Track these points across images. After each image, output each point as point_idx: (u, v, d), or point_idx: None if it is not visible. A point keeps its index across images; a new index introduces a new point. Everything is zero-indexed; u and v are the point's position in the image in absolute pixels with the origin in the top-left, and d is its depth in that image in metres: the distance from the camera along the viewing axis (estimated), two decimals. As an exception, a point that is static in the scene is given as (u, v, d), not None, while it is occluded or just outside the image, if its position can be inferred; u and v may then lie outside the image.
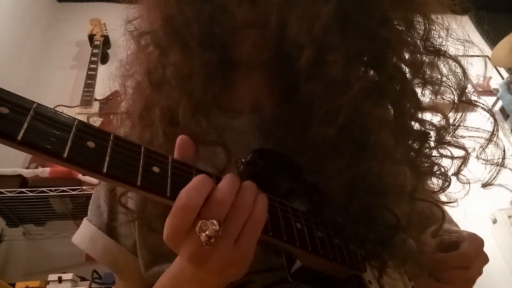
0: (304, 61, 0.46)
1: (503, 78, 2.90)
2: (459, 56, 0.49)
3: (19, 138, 0.29)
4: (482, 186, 0.51)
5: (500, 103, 2.75)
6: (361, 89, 0.45)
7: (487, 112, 0.50)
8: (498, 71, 3.01)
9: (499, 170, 0.50)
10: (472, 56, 0.51)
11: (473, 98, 0.50)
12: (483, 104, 0.50)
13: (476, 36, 3.03)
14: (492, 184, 0.50)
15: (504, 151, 0.50)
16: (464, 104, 0.49)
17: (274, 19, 0.45)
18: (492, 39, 2.96)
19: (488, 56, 2.85)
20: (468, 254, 0.54)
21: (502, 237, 2.22)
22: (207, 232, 0.34)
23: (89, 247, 0.58)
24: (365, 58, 0.47)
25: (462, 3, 0.50)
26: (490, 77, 2.96)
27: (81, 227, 0.60)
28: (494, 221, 2.27)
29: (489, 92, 2.88)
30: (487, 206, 2.27)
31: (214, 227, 0.34)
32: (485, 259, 0.56)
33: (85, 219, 0.61)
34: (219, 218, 0.35)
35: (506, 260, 2.17)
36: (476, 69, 2.90)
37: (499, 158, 0.50)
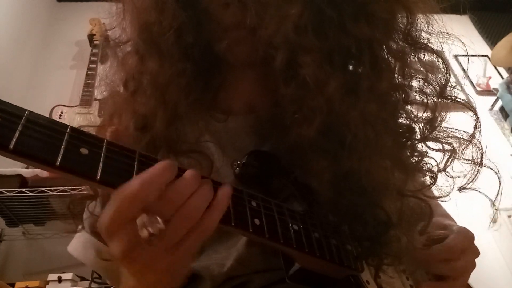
0: (279, 63, 0.45)
1: (503, 78, 2.89)
2: (459, 55, 0.48)
3: (11, 147, 0.28)
4: (458, 190, 0.50)
5: (500, 103, 2.74)
6: (336, 89, 0.43)
7: (468, 108, 0.50)
8: (498, 71, 3.00)
9: (478, 171, 0.49)
10: (472, 56, 0.51)
11: (454, 94, 0.49)
12: (463, 100, 0.49)
13: (476, 36, 3.03)
14: (468, 188, 0.50)
15: (482, 151, 0.49)
16: (445, 99, 0.48)
17: (250, 20, 0.44)
18: (492, 39, 2.96)
19: (488, 56, 2.84)
20: (453, 246, 0.53)
21: (502, 237, 2.21)
22: (150, 229, 0.31)
23: (81, 254, 0.57)
24: (342, 56, 0.45)
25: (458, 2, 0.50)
26: (490, 77, 2.96)
27: (76, 235, 0.60)
28: (494, 221, 2.27)
29: (489, 91, 2.88)
30: (487, 206, 2.26)
31: (158, 224, 0.31)
32: (475, 252, 0.55)
33: (80, 227, 0.61)
34: (165, 216, 0.32)
35: (506, 260, 2.17)
36: (476, 69, 2.90)
37: (477, 158, 0.49)
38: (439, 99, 0.48)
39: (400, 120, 0.50)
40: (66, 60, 2.63)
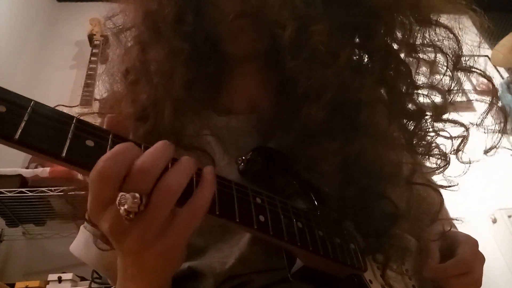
0: (287, 37, 0.43)
1: (503, 78, 2.90)
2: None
3: (17, 138, 0.28)
4: (484, 153, 0.49)
5: (500, 103, 2.74)
6: (347, 61, 0.42)
7: (484, 77, 0.49)
8: (498, 70, 3.00)
9: (502, 135, 0.48)
10: (472, 55, 0.50)
11: (469, 64, 0.48)
12: (479, 70, 0.48)
13: (476, 36, 3.02)
14: (495, 148, 0.48)
15: (505, 113, 0.48)
16: (462, 70, 0.47)
17: (254, 2, 0.43)
18: (492, 39, 2.96)
19: (488, 56, 2.84)
20: (466, 259, 0.54)
21: (502, 237, 2.21)
22: (125, 206, 0.30)
23: (83, 253, 0.57)
24: (352, 30, 0.44)
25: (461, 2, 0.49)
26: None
27: (78, 235, 0.60)
28: (494, 221, 2.27)
29: (489, 91, 2.87)
30: (487, 206, 2.27)
31: (135, 200, 0.30)
32: (482, 259, 0.56)
33: (81, 226, 0.60)
34: (141, 191, 0.31)
35: (506, 260, 2.17)
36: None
37: (500, 122, 0.48)
38: (454, 71, 0.47)
39: (412, 103, 0.48)
40: (66, 60, 2.63)
